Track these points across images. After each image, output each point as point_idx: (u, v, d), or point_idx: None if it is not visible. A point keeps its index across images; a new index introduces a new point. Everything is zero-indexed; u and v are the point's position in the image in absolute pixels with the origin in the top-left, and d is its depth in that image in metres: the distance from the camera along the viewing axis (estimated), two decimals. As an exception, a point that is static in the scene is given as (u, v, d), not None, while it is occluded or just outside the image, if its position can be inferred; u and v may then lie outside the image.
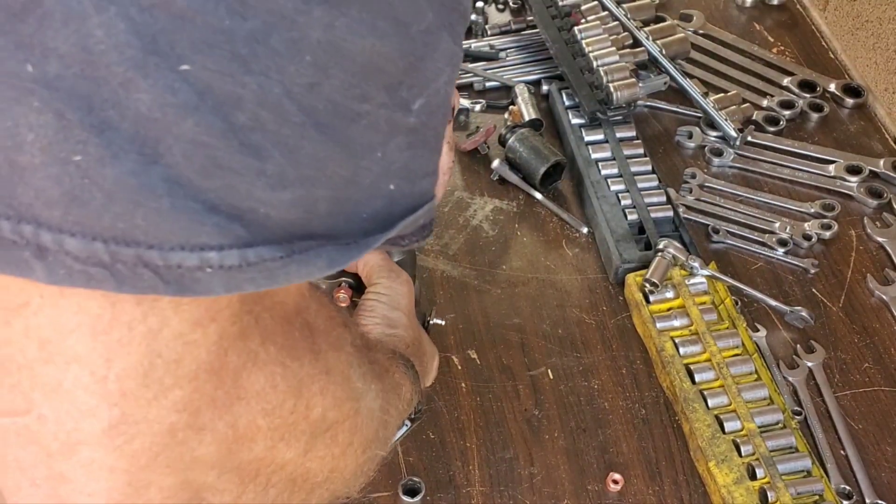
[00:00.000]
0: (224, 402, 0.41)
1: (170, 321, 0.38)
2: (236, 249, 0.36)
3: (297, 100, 0.35)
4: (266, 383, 0.42)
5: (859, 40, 1.28)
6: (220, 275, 0.36)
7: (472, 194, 1.13)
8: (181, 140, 0.33)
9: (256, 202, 0.36)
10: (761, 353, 0.96)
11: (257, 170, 0.35)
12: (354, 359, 0.50)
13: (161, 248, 0.34)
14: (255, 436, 0.43)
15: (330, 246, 0.39)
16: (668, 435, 0.91)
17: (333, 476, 0.51)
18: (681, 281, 0.99)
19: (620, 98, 1.14)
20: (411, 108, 0.40)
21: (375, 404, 0.53)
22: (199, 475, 0.41)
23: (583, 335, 0.99)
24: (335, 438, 0.48)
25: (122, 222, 0.34)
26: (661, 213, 1.07)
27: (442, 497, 0.86)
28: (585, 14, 1.24)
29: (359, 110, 0.37)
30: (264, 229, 0.36)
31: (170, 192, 0.34)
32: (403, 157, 0.41)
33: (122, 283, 0.35)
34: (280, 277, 0.37)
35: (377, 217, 0.41)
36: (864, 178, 1.14)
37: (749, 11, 1.38)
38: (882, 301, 1.03)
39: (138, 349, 0.37)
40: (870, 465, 0.89)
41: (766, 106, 1.23)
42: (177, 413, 0.39)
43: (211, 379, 0.40)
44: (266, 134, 0.35)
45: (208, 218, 0.35)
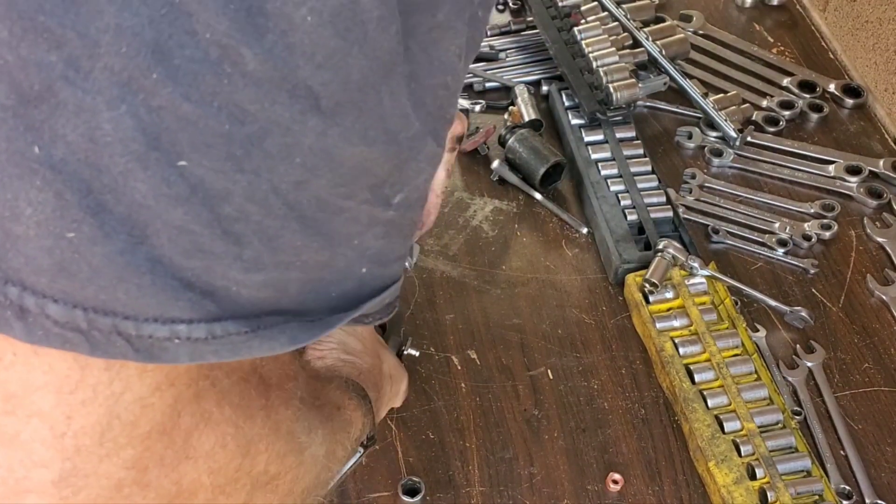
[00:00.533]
0: (172, 461, 0.42)
1: (132, 386, 0.40)
2: (205, 323, 0.38)
3: (282, 195, 0.37)
4: (216, 443, 0.44)
5: (859, 41, 1.28)
6: (186, 346, 0.38)
7: (471, 195, 1.13)
8: (168, 226, 0.36)
9: (230, 282, 0.38)
10: (761, 354, 0.96)
11: (235, 255, 0.37)
12: (301, 412, 0.52)
13: (136, 319, 0.37)
14: (197, 492, 0.44)
15: (294, 323, 0.41)
16: (668, 435, 0.91)
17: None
18: (680, 281, 0.99)
19: (620, 98, 1.14)
20: (391, 202, 0.42)
21: (320, 451, 0.55)
22: None
23: (582, 335, 0.99)
24: (276, 490, 0.50)
25: (104, 294, 0.36)
26: (661, 214, 1.07)
27: (441, 497, 0.86)
28: (585, 14, 1.24)
29: (342, 206, 0.40)
30: (234, 305, 0.39)
31: (152, 270, 0.36)
32: (378, 245, 0.43)
33: (96, 348, 0.37)
34: (242, 351, 0.40)
35: (346, 297, 0.44)
36: (864, 179, 1.14)
37: (749, 12, 1.38)
38: (882, 301, 1.02)
39: (99, 410, 0.39)
40: (869, 466, 0.89)
41: (765, 106, 1.23)
42: (125, 470, 0.41)
43: (162, 439, 0.41)
44: (248, 225, 0.37)
45: (183, 294, 0.37)
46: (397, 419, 0.91)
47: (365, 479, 0.87)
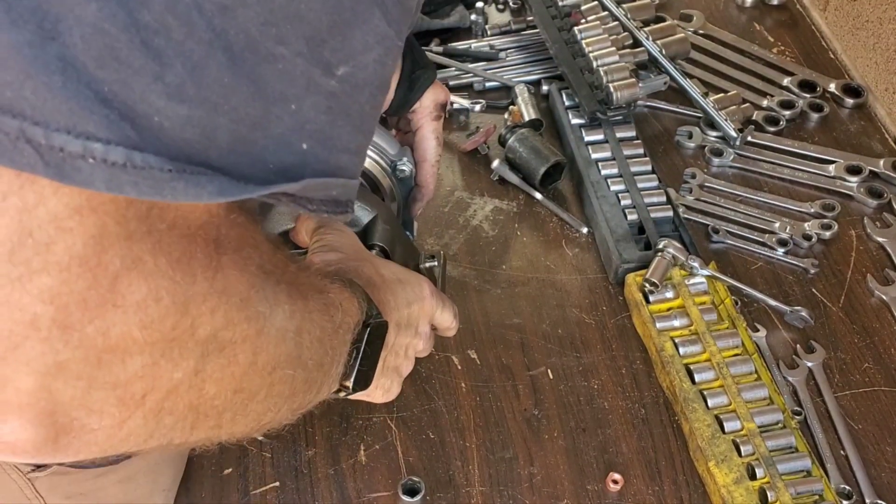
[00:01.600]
0: (97, 304, 0.39)
1: (47, 201, 0.37)
2: (123, 148, 0.35)
3: (207, 17, 0.35)
4: (148, 295, 0.41)
5: (859, 40, 1.28)
6: (102, 169, 0.35)
7: (472, 194, 1.13)
8: (82, 23, 0.33)
9: (151, 108, 0.36)
10: (761, 353, 0.96)
11: (155, 74, 0.35)
12: (259, 280, 0.49)
13: (46, 127, 0.34)
14: (131, 348, 0.41)
15: (225, 178, 0.39)
16: (668, 435, 0.91)
17: (239, 398, 0.49)
18: (681, 281, 0.99)
19: (620, 98, 1.14)
20: (333, 71, 0.40)
21: (288, 324, 0.51)
22: (63, 385, 0.40)
23: (582, 335, 0.99)
24: (233, 358, 0.47)
25: (9, 91, 0.33)
26: (661, 213, 1.07)
27: (442, 497, 0.86)
28: (585, 14, 1.24)
29: (274, 51, 0.38)
30: (156, 139, 0.36)
31: (63, 71, 0.33)
32: (320, 121, 0.41)
33: (1, 155, 0.34)
34: (166, 191, 0.37)
35: (285, 172, 0.41)
36: (864, 178, 1.14)
37: (749, 11, 1.38)
38: (882, 301, 1.02)
39: (8, 221, 0.36)
40: (869, 465, 0.89)
41: (766, 106, 1.23)
42: (42, 304, 0.38)
43: (84, 275, 0.38)
44: (170, 42, 0.35)
45: (98, 108, 0.34)
46: (397, 419, 0.91)
47: (365, 478, 0.87)
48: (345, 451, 0.88)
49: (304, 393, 0.57)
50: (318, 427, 0.90)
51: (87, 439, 0.43)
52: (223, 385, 0.47)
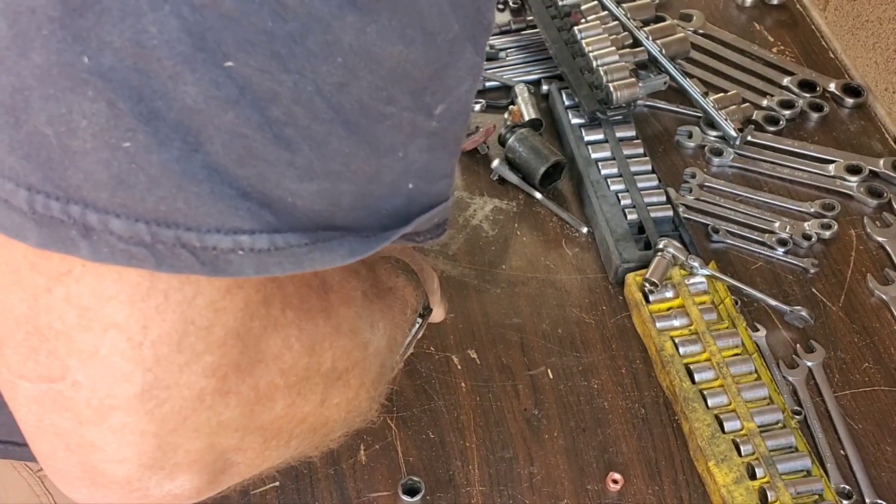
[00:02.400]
0: (247, 365, 0.42)
1: (203, 290, 0.39)
2: (266, 234, 0.38)
3: (327, 98, 0.37)
4: (283, 345, 0.44)
5: (859, 40, 1.28)
6: (250, 257, 0.38)
7: (471, 194, 1.13)
8: (221, 131, 0.35)
9: (285, 192, 0.38)
10: (761, 353, 0.96)
11: (287, 161, 0.37)
12: (363, 309, 0.52)
13: (199, 231, 0.37)
14: (275, 395, 0.45)
15: (351, 237, 0.41)
16: (668, 434, 0.91)
17: (350, 416, 0.54)
18: (680, 280, 0.99)
19: (620, 98, 1.14)
20: (433, 112, 0.42)
21: (383, 342, 0.55)
22: (223, 439, 0.43)
23: (582, 335, 0.99)
24: (347, 384, 0.51)
25: (164, 205, 0.36)
26: (661, 213, 1.07)
27: (442, 497, 0.86)
28: (585, 14, 1.24)
29: (384, 111, 0.40)
30: (291, 217, 0.39)
31: (209, 178, 0.36)
32: (423, 159, 0.43)
33: (161, 263, 0.37)
34: (305, 263, 0.40)
35: (396, 213, 0.44)
36: (864, 178, 1.14)
37: (749, 11, 1.38)
38: (882, 301, 1.02)
39: (173, 316, 0.39)
40: (869, 465, 0.89)
41: (765, 106, 1.23)
42: (206, 378, 0.41)
43: (237, 344, 0.41)
44: (298, 128, 0.37)
45: (242, 203, 0.37)
46: (397, 419, 0.91)
47: (365, 478, 0.87)
48: (345, 451, 0.88)
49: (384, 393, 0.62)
50: (318, 427, 0.90)
51: (233, 473, 0.47)
52: (340, 409, 0.52)
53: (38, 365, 0.39)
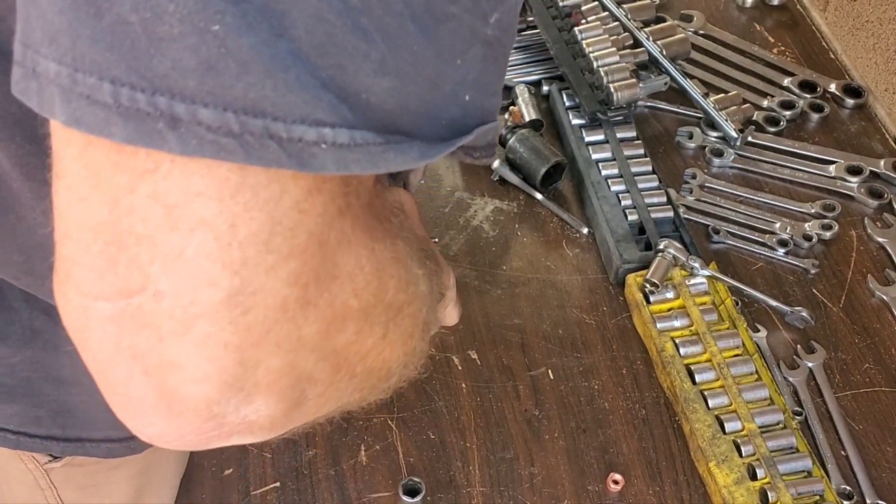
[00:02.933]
0: (326, 278, 0.42)
1: (289, 188, 0.38)
2: (346, 129, 0.37)
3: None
4: (355, 264, 0.44)
5: (859, 41, 1.28)
6: (332, 152, 0.37)
7: (472, 195, 1.13)
8: (305, 15, 0.35)
9: (360, 86, 0.37)
10: (762, 354, 0.96)
11: (364, 53, 0.37)
12: (409, 245, 0.52)
13: (286, 121, 0.36)
14: (347, 316, 0.44)
15: (419, 141, 0.40)
16: (669, 435, 0.91)
17: (405, 359, 0.52)
18: (681, 281, 0.99)
19: (621, 98, 1.14)
20: (489, 19, 0.41)
21: (426, 287, 0.54)
22: (302, 359, 0.42)
23: (583, 335, 0.99)
24: (403, 322, 0.50)
25: (253, 93, 0.35)
26: (662, 214, 1.07)
27: (442, 497, 0.86)
28: (586, 14, 1.24)
29: (448, 11, 0.39)
30: (365, 115, 0.38)
31: (294, 65, 0.35)
32: (478, 69, 0.42)
33: (250, 154, 0.36)
34: (380, 162, 0.39)
35: (454, 124, 0.43)
36: (865, 179, 1.14)
37: (749, 12, 1.38)
38: (882, 301, 1.02)
39: (261, 215, 0.38)
40: (870, 466, 0.89)
41: (766, 106, 1.23)
42: (289, 286, 0.39)
43: (317, 253, 0.40)
44: (372, 19, 0.36)
45: (324, 95, 0.36)
46: (398, 419, 0.91)
47: (365, 479, 0.87)
48: (345, 452, 0.88)
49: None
50: (319, 427, 0.90)
51: (304, 409, 0.45)
52: (397, 348, 0.50)
53: (116, 278, 0.37)
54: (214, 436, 0.42)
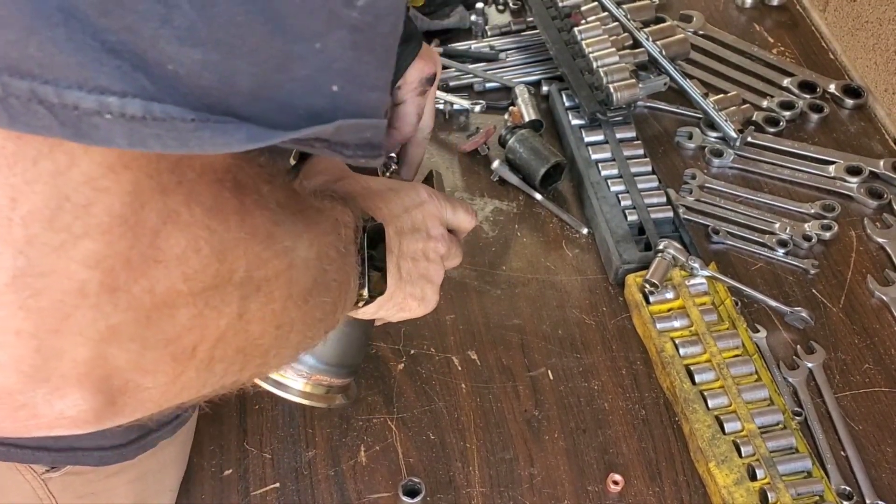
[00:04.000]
0: (140, 262, 0.38)
1: (79, 162, 0.35)
2: (140, 100, 0.34)
3: None
4: (188, 246, 0.40)
5: (859, 41, 1.28)
6: (121, 124, 0.34)
7: (472, 195, 1.13)
8: None
9: (163, 55, 0.34)
10: (761, 354, 0.95)
11: (162, 17, 0.33)
12: (279, 215, 0.48)
13: (56, 85, 0.33)
14: (177, 302, 0.40)
15: (252, 123, 0.37)
16: (669, 436, 0.91)
17: (281, 332, 0.49)
18: (681, 282, 0.99)
19: (620, 99, 1.14)
20: (354, 2, 0.38)
21: (310, 252, 0.51)
22: (117, 349, 0.39)
23: (583, 336, 0.99)
24: (270, 295, 0.47)
25: (14, 51, 0.32)
26: (661, 214, 1.07)
27: (442, 498, 0.86)
28: (585, 15, 1.24)
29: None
30: (173, 89, 0.35)
31: (65, 22, 0.32)
32: (347, 58, 0.39)
33: (15, 120, 0.33)
34: (192, 142, 0.36)
35: (316, 115, 0.40)
36: (865, 179, 1.14)
37: (749, 12, 1.38)
38: (882, 302, 1.02)
39: (44, 188, 0.35)
40: (870, 466, 0.89)
41: (766, 107, 1.23)
42: (88, 269, 0.36)
43: (125, 234, 0.37)
44: None
45: (109, 60, 0.33)
46: (397, 420, 0.91)
47: (365, 479, 0.87)
48: (345, 452, 0.88)
49: (332, 314, 0.58)
50: (319, 428, 0.90)
51: (142, 398, 0.42)
52: (266, 323, 0.47)
53: None
54: (32, 425, 0.39)
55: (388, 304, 0.71)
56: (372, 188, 0.73)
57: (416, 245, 0.73)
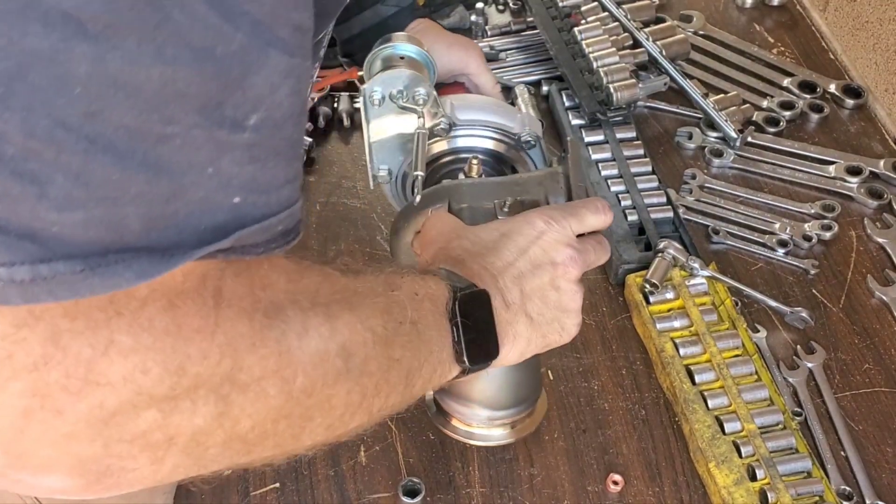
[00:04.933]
0: (78, 388, 0.42)
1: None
2: (27, 265, 0.39)
3: (75, 129, 0.37)
4: (135, 369, 0.43)
5: (859, 41, 1.28)
6: (13, 287, 0.39)
7: (472, 195, 1.13)
8: None
9: (45, 223, 0.38)
10: (761, 354, 0.95)
11: (37, 194, 0.38)
12: (273, 318, 0.50)
13: None
14: (135, 410, 0.44)
15: (145, 257, 0.41)
16: (668, 436, 0.91)
17: (285, 424, 0.51)
18: (681, 282, 0.99)
19: (620, 99, 1.14)
20: (244, 124, 0.41)
21: (328, 345, 0.53)
22: (80, 447, 0.43)
23: (582, 336, 0.98)
24: (262, 393, 0.49)
25: None
26: (661, 214, 1.07)
27: (442, 498, 0.86)
28: (585, 15, 1.24)
29: (164, 132, 0.39)
30: (61, 246, 0.39)
31: None
32: (247, 172, 0.43)
33: None
34: (82, 290, 0.40)
35: (221, 228, 0.43)
36: (865, 179, 1.14)
37: (749, 12, 1.38)
38: (882, 302, 1.02)
39: None
40: (870, 466, 0.89)
41: (766, 107, 1.23)
42: (27, 398, 0.41)
43: (54, 369, 0.41)
44: (42, 163, 0.38)
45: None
46: (397, 420, 0.90)
47: (365, 479, 0.87)
48: (345, 453, 0.88)
49: (385, 395, 0.59)
50: (318, 428, 0.90)
51: (130, 478, 0.46)
52: (259, 417, 0.49)
53: None
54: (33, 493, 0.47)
55: (529, 348, 0.71)
56: (483, 240, 0.72)
57: (542, 280, 0.71)
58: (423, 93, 0.82)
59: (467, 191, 0.79)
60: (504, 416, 0.80)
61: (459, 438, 0.81)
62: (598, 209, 0.75)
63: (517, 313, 0.70)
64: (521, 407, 0.81)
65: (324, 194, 1.12)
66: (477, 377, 0.73)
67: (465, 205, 0.78)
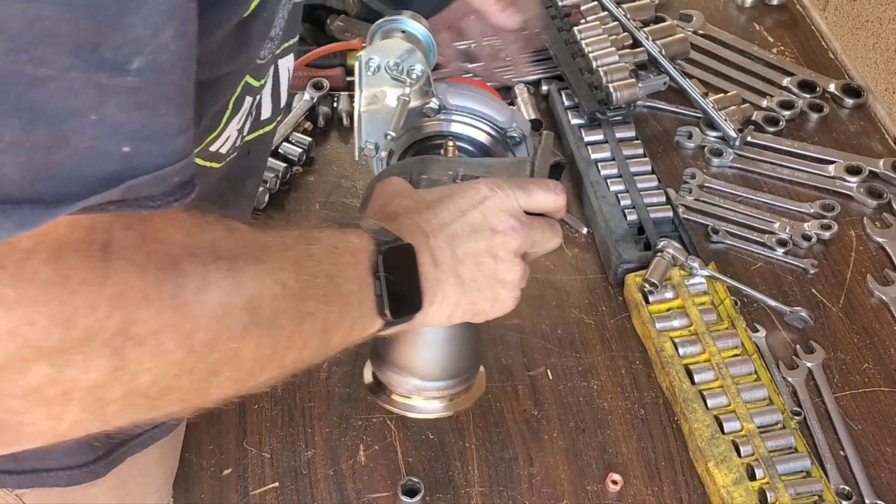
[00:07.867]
0: None
1: None
2: None
3: None
4: (19, 321, 0.43)
5: (859, 40, 1.28)
6: None
7: (471, 194, 1.12)
8: None
9: None
10: (761, 354, 0.95)
11: None
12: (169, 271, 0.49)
13: None
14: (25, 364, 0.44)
15: (26, 208, 0.40)
16: (668, 435, 0.91)
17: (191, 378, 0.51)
18: (680, 281, 0.99)
19: (620, 98, 1.14)
20: (127, 67, 0.40)
21: (232, 298, 0.52)
22: None
23: (582, 335, 0.99)
24: (160, 347, 0.48)
25: None
26: (661, 214, 1.07)
27: (441, 497, 0.86)
28: (585, 14, 1.24)
29: (37, 74, 0.38)
30: None
31: None
32: (135, 118, 0.41)
33: None
34: None
35: (111, 179, 0.42)
36: (864, 179, 1.14)
37: (749, 12, 1.38)
38: (882, 301, 1.02)
39: None
40: (869, 466, 0.89)
41: (765, 106, 1.23)
42: None
43: None
44: None
45: None
46: (396, 419, 0.90)
47: (364, 479, 0.87)
48: (344, 452, 0.88)
49: (299, 348, 0.58)
50: (318, 428, 0.90)
51: (28, 433, 0.46)
52: (159, 372, 0.49)
53: None
54: None
55: (457, 312, 0.70)
56: (425, 200, 0.71)
57: (478, 245, 0.70)
58: (418, 69, 0.81)
59: (434, 166, 0.79)
60: (440, 387, 0.79)
61: (398, 411, 0.79)
62: (548, 188, 0.74)
63: (447, 273, 0.68)
64: (458, 380, 0.80)
65: (323, 194, 1.12)
66: (411, 344, 0.73)
67: (425, 176, 0.78)
